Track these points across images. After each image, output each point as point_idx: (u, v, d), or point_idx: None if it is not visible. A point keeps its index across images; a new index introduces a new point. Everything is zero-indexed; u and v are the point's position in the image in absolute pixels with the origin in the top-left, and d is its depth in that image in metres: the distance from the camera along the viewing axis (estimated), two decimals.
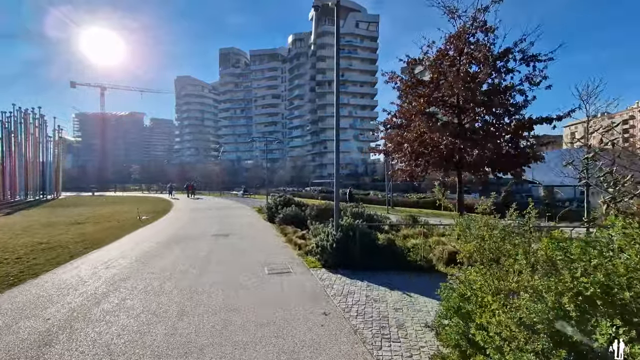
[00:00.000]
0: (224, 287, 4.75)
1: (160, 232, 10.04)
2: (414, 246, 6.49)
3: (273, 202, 12.23)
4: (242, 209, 18.96)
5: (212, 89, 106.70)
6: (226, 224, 11.73)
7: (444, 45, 7.07)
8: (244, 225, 11.66)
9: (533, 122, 5.67)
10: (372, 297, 4.30)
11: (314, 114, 73.64)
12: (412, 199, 25.36)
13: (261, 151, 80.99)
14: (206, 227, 11.21)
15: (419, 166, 6.87)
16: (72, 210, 18.08)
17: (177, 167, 77.80)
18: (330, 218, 9.42)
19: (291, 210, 10.28)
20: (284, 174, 60.02)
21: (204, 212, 16.55)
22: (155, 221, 13.01)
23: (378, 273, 5.38)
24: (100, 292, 4.59)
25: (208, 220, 13.22)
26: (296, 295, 4.37)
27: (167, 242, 8.38)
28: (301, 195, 33.30)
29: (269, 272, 5.49)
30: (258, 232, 9.96)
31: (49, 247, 7.85)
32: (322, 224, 8.48)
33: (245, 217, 14.25)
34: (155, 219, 13.79)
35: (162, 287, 4.75)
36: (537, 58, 5.93)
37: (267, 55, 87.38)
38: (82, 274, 5.50)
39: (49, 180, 33.54)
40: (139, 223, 12.39)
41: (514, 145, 6.07)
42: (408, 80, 7.10)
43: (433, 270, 5.52)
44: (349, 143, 71.63)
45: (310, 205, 10.98)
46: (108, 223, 12.47)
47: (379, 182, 61.16)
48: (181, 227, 11.18)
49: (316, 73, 72.36)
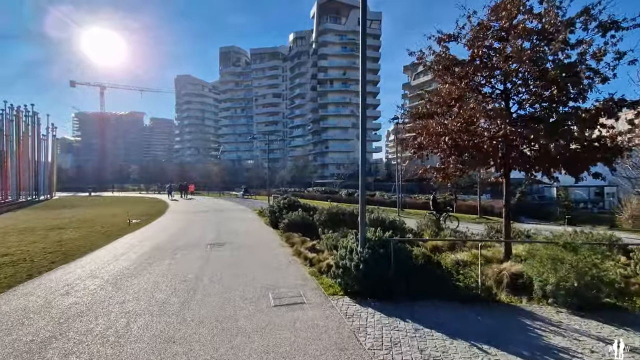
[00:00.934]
0: (213, 331, 3.40)
1: (148, 241, 8.72)
2: (458, 264, 5.16)
3: (276, 205, 10.89)
4: (243, 211, 17.64)
5: (212, 88, 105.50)
6: (224, 231, 10.40)
7: (488, 15, 5.74)
8: (243, 232, 10.34)
9: (623, 104, 4.33)
10: (429, 352, 2.96)
11: (315, 113, 72.36)
12: (421, 200, 24.01)
13: (262, 151, 79.76)
14: (201, 234, 9.89)
15: (463, 163, 5.50)
16: (60, 213, 16.79)
17: (177, 167, 76.60)
18: (342, 225, 8.12)
19: (297, 215, 8.94)
20: (285, 174, 58.72)
21: (200, 215, 15.24)
22: (145, 226, 11.70)
23: (419, 304, 4.04)
24: (39, 341, 3.24)
25: (204, 225, 11.90)
26: (316, 348, 3.04)
27: (153, 255, 7.04)
28: (304, 196, 31.96)
29: (276, 304, 4.14)
30: (260, 241, 8.64)
31: (10, 262, 6.53)
32: (336, 232, 7.17)
33: (246, 222, 12.90)
34: (146, 223, 12.48)
35: (127, 330, 3.42)
36: (618, 25, 4.60)
37: (267, 53, 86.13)
38: (29, 305, 4.17)
39: (42, 180, 32.28)
40: (127, 228, 11.09)
41: (590, 136, 4.71)
42: (443, 56, 5.75)
43: (492, 300, 4.18)
44: (351, 142, 70.40)
45: (318, 209, 9.65)
46: (92, 228, 11.16)
47: (381, 183, 59.82)
48: (173, 234, 9.86)
49: (318, 71, 71.07)
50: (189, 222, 12.85)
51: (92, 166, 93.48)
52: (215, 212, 16.80)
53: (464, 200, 23.19)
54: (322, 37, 70.55)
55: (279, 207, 10.64)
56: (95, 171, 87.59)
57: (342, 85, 71.50)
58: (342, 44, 71.66)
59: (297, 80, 78.53)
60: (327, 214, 8.42)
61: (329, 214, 8.43)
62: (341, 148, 70.63)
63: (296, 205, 10.38)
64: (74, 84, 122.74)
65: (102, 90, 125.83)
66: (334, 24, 71.28)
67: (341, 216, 8.23)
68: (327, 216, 8.40)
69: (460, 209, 20.43)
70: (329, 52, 70.69)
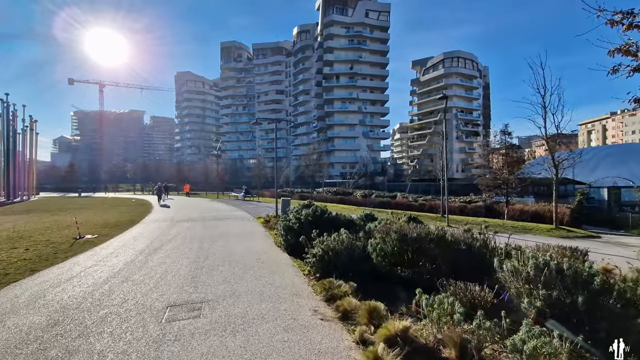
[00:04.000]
0: None
1: (70, 290, 4.79)
2: None
3: (294, 217, 6.86)
4: (242, 221, 13.56)
5: (213, 85, 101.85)
6: (209, 267, 6.38)
7: None
8: (242, 271, 6.40)
9: None
10: None
11: (320, 110, 68.44)
12: (455, 202, 19.94)
13: (264, 149, 75.97)
14: (168, 274, 5.94)
15: None
16: (10, 220, 12.86)
17: (174, 166, 73.00)
18: (429, 260, 4.20)
19: (338, 243, 4.92)
20: (290, 174, 54.83)
21: (182, 229, 11.27)
22: (96, 247, 7.74)
23: None
24: None
25: (182, 250, 7.86)
26: None
27: (47, 346, 3.09)
28: (314, 197, 28.00)
29: None
30: (278, 299, 4.65)
31: None
32: (464, 283, 3.25)
33: (246, 243, 8.58)
34: (102, 240, 8.54)
35: None
36: None
37: (270, 49, 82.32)
38: None
39: (14, 180, 28.39)
40: (67, 251, 7.19)
41: None
42: None
43: None
44: (358, 140, 66.39)
45: (356, 221, 5.68)
46: (15, 250, 7.26)
47: (393, 183, 55.77)
48: (124, 270, 5.85)
49: (323, 66, 67.17)
50: (162, 241, 8.76)
51: (88, 165, 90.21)
52: (204, 223, 12.77)
53: (511, 204, 19.14)
54: (327, 29, 66.65)
55: (298, 220, 6.68)
56: (91, 170, 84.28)
57: (348, 80, 67.52)
58: (348, 37, 67.74)
59: (300, 75, 74.70)
60: (397, 239, 4.47)
61: (401, 238, 4.47)
62: (348, 146, 66.69)
63: (329, 219, 6.41)
64: (72, 81, 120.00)
65: (102, 87, 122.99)
66: (340, 15, 67.29)
67: (428, 243, 4.27)
68: (397, 244, 4.45)
69: (513, 215, 16.39)
70: (335, 45, 66.79)
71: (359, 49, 67.23)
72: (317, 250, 4.91)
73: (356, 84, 66.81)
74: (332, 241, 4.82)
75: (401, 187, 49.08)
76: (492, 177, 16.76)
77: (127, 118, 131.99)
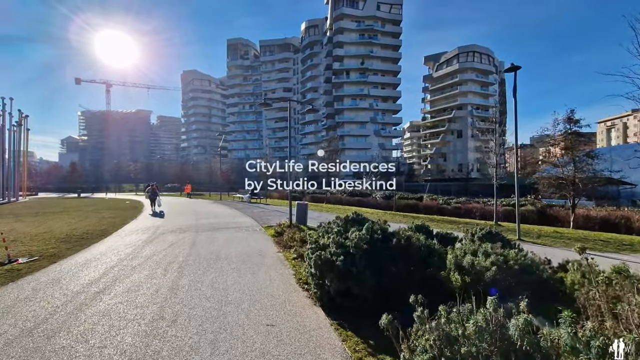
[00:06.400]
0: None
1: None
2: None
3: (335, 242, 3.82)
4: (247, 232, 10.54)
5: (219, 84, 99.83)
6: (172, 351, 3.46)
7: None
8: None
9: None
10: None
11: (329, 107, 65.44)
12: (499, 207, 16.60)
13: (272, 148, 73.35)
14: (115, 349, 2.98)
15: None
16: None
17: (178, 166, 70.92)
18: None
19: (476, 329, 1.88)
20: (300, 173, 51.87)
21: (161, 247, 8.36)
22: (23, 278, 4.90)
23: None
24: None
25: (139, 297, 4.84)
26: None
27: None
28: (328, 199, 24.97)
29: None
30: None
31: None
32: None
33: (250, 277, 5.68)
34: (30, 270, 5.65)
35: None
36: None
37: (277, 45, 79.65)
38: None
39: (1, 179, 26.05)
40: None
41: None
42: None
43: None
44: (369, 139, 63.11)
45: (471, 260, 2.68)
46: None
47: (409, 183, 52.29)
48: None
49: (332, 61, 64.15)
50: (119, 273, 5.76)
51: (94, 165, 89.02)
52: (196, 233, 9.85)
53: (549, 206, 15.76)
54: (337, 23, 63.66)
55: (343, 248, 3.69)
56: (96, 170, 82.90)
57: (359, 76, 64.31)
58: (359, 31, 64.56)
59: (309, 72, 71.93)
60: None
61: None
62: (359, 145, 63.43)
63: (401, 249, 3.41)
64: (79, 81, 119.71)
65: (108, 87, 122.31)
66: (350, 8, 64.16)
67: None
68: None
69: (577, 223, 13.05)
70: (345, 39, 63.72)
71: (370, 43, 64.07)
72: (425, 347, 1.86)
73: (367, 79, 63.64)
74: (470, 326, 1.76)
75: (418, 187, 45.63)
76: (555, 176, 13.55)
77: (133, 118, 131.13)
